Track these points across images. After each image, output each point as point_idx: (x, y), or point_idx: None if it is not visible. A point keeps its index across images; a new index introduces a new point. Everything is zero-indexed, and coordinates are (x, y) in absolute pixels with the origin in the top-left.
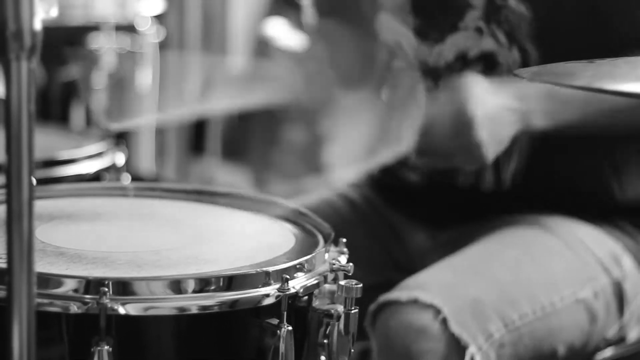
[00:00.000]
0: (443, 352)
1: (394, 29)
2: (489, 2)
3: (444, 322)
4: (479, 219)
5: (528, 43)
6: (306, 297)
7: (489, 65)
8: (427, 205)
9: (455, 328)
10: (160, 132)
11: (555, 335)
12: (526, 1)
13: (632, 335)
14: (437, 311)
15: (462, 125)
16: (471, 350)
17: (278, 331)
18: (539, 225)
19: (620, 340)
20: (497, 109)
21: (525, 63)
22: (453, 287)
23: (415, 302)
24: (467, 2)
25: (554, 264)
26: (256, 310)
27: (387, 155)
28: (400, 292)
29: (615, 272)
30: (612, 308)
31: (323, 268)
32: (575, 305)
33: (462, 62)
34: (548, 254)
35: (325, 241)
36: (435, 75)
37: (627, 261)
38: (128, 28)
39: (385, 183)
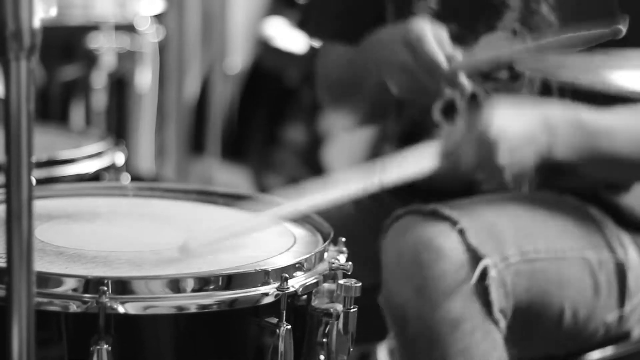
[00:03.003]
0: (457, 271)
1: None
2: (525, 5)
3: (461, 236)
4: None
5: None
6: (305, 296)
7: (513, 75)
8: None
9: (473, 241)
10: (160, 132)
11: (564, 288)
12: (557, 11)
13: (635, 333)
14: (455, 225)
15: (485, 151)
16: (487, 267)
17: (277, 330)
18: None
19: (623, 337)
20: (521, 139)
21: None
22: (471, 212)
23: (433, 215)
24: (504, 2)
25: (566, 220)
26: (255, 309)
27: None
28: (418, 206)
29: (620, 253)
30: (613, 288)
31: (322, 267)
32: (582, 264)
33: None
34: (560, 211)
35: (325, 240)
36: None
37: (633, 253)
38: (128, 28)
39: None
